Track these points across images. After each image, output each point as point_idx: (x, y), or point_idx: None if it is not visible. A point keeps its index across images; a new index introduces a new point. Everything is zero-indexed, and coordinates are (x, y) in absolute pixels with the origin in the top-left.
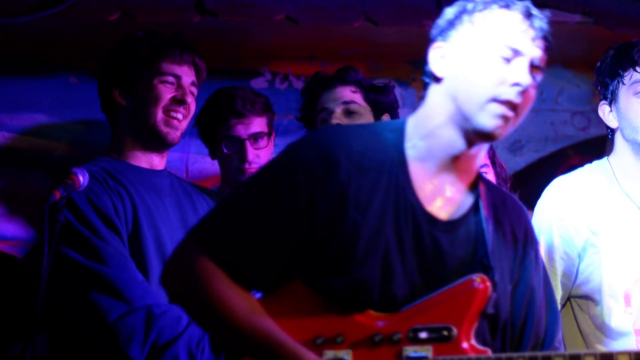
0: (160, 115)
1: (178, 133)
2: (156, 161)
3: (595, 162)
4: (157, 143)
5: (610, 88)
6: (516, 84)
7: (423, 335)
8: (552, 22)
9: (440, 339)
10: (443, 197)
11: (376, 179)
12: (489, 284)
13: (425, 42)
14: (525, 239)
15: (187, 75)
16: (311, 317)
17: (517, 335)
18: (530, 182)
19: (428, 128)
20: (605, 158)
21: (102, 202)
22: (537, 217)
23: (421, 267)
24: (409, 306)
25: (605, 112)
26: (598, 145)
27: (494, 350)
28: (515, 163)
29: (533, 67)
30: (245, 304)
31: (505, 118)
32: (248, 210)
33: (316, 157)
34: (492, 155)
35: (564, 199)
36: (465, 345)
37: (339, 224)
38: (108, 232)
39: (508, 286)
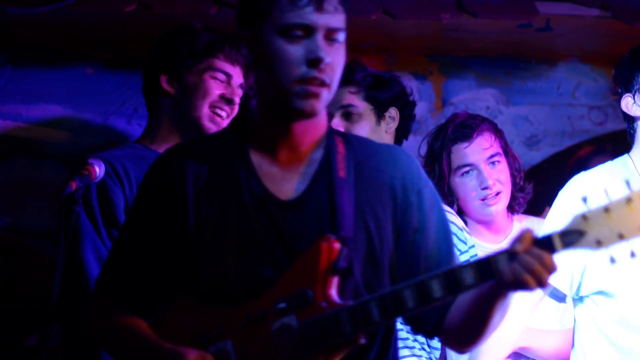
0: (206, 110)
1: (223, 124)
2: None
3: (616, 160)
4: (196, 136)
5: (634, 80)
6: (312, 62)
7: (282, 305)
8: (569, 16)
9: (300, 305)
10: (287, 176)
11: (219, 176)
12: (333, 239)
13: (443, 35)
14: (404, 186)
15: (238, 76)
16: (194, 322)
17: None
18: (547, 176)
19: (261, 118)
20: (626, 154)
21: (112, 200)
22: (555, 215)
23: (279, 250)
24: (272, 286)
25: (629, 105)
26: (615, 140)
27: None
28: (532, 157)
29: (328, 31)
30: (129, 328)
31: (314, 95)
32: (125, 243)
33: (158, 178)
34: (504, 145)
35: (579, 197)
36: (324, 304)
37: (188, 231)
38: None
39: (386, 236)
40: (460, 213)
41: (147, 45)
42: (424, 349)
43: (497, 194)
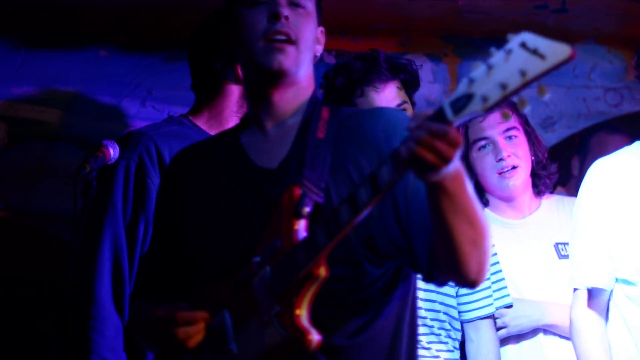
0: None
1: None
2: None
3: (636, 143)
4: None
5: None
6: (273, 17)
7: (257, 260)
8: None
9: (272, 255)
10: (274, 147)
11: (214, 165)
12: (293, 188)
13: (458, 16)
14: (387, 135)
15: None
16: (195, 305)
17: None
18: (562, 158)
19: (247, 99)
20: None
21: (147, 185)
22: (580, 202)
23: (269, 219)
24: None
25: None
26: (630, 122)
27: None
28: (547, 139)
29: None
30: (145, 309)
31: (279, 49)
32: (149, 247)
33: (164, 185)
34: (523, 122)
35: (605, 182)
36: (288, 246)
37: (191, 222)
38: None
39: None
40: (481, 192)
41: (161, 27)
42: (449, 337)
43: (514, 167)
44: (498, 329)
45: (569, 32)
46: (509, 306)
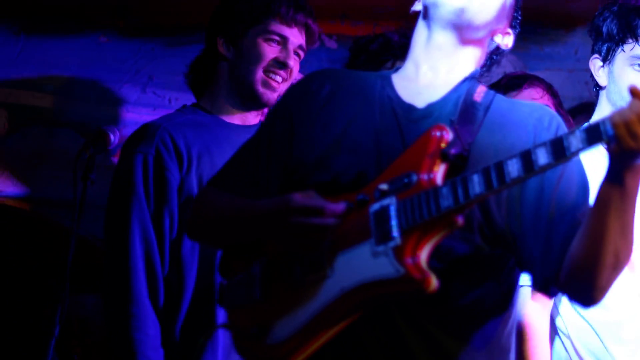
0: (259, 74)
1: (275, 95)
2: (251, 117)
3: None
4: (252, 101)
5: (607, 46)
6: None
7: (384, 187)
8: None
9: (402, 187)
10: (424, 91)
11: (357, 88)
12: (445, 127)
13: None
14: (539, 126)
15: (295, 38)
16: None
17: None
18: None
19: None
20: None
21: (167, 178)
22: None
23: (398, 151)
24: (381, 174)
25: (596, 67)
26: None
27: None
28: None
29: None
30: (232, 200)
31: None
32: (249, 143)
33: (302, 81)
34: (557, 104)
35: None
36: (426, 183)
37: (317, 123)
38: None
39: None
40: None
41: (161, 12)
42: None
43: None
44: None
45: (570, 15)
46: None
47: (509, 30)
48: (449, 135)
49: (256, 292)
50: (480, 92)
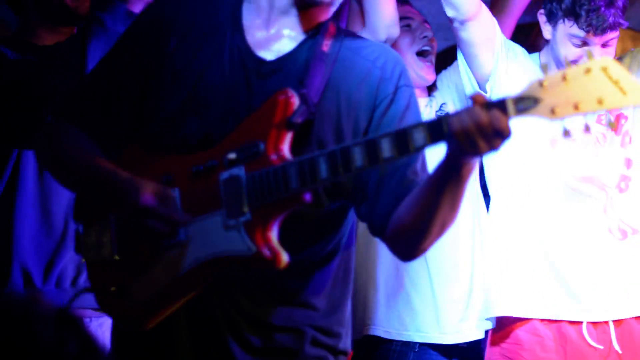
0: None
1: (87, 3)
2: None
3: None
4: (68, 18)
5: (550, 9)
6: None
7: (232, 156)
8: None
9: (250, 156)
10: (274, 38)
11: (206, 24)
12: (291, 94)
13: None
14: (383, 77)
15: None
16: (143, 171)
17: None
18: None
19: None
20: (537, 54)
21: None
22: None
23: (246, 108)
24: (225, 137)
25: (542, 21)
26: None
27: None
28: None
29: None
30: (86, 150)
31: None
32: (94, 72)
33: (148, 14)
34: None
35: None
36: (274, 156)
37: (167, 72)
38: None
39: (355, 120)
40: None
41: None
42: None
43: None
44: None
45: None
46: None
47: None
48: (295, 101)
49: (113, 249)
50: (328, 41)
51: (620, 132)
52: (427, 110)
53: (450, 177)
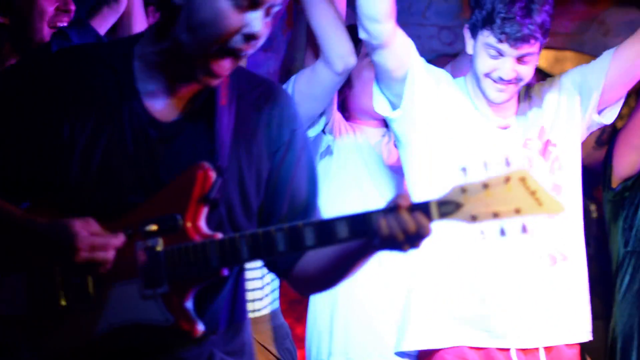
0: (46, 29)
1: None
2: None
3: (456, 80)
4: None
5: (474, 24)
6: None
7: (151, 227)
8: None
9: (168, 229)
10: (171, 97)
11: (101, 88)
12: (208, 167)
13: None
14: (280, 124)
15: None
16: None
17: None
18: None
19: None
20: (463, 78)
21: None
22: None
23: (151, 175)
24: (138, 207)
25: (467, 37)
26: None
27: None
28: None
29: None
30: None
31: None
32: None
33: (38, 78)
34: None
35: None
36: (192, 232)
37: (61, 140)
38: None
39: (257, 172)
40: None
41: None
42: None
43: None
44: None
45: None
46: None
47: None
48: (212, 175)
49: (22, 306)
50: (225, 90)
51: (549, 158)
52: (385, 140)
53: (363, 255)
